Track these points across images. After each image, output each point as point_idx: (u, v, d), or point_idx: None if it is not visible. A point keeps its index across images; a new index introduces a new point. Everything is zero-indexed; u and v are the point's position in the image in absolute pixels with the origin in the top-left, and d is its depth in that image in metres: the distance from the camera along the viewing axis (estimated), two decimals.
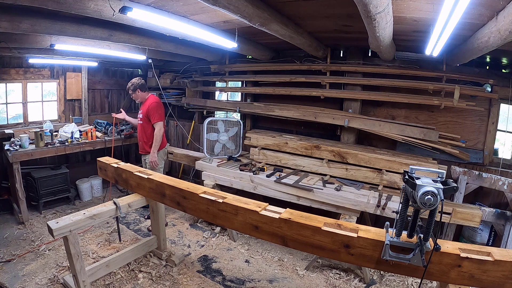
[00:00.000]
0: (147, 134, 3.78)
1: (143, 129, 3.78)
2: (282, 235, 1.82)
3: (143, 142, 3.82)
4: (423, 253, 1.41)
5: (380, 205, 2.65)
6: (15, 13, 2.34)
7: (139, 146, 3.90)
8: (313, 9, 2.36)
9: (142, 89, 3.77)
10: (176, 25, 2.51)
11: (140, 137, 3.84)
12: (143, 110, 3.74)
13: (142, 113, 3.75)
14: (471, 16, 1.87)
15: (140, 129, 3.81)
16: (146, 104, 3.74)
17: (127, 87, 3.76)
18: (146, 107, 3.71)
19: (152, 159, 3.70)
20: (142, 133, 3.80)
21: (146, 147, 3.80)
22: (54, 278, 2.68)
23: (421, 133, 3.16)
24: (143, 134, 3.80)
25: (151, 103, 3.73)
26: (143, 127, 3.77)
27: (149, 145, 3.75)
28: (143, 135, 3.80)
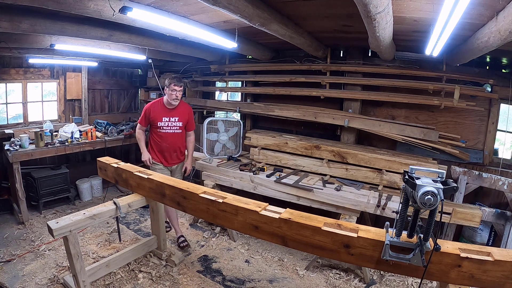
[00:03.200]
0: (183, 142, 3.41)
1: (180, 138, 3.36)
2: (282, 235, 1.82)
3: (178, 152, 3.37)
4: (423, 253, 1.41)
5: (380, 205, 2.65)
6: (15, 13, 2.34)
7: (169, 156, 3.32)
8: (313, 9, 2.36)
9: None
10: (176, 25, 2.51)
11: (176, 147, 3.33)
12: (181, 117, 3.28)
13: (181, 120, 3.28)
14: (471, 16, 1.87)
15: (178, 138, 3.32)
16: (183, 110, 3.31)
17: (182, 84, 3.18)
18: (186, 114, 3.32)
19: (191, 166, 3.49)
20: (180, 142, 3.36)
21: (181, 156, 3.42)
22: (54, 278, 2.68)
23: (421, 133, 3.16)
24: (180, 143, 3.37)
25: (190, 109, 3.40)
26: (181, 136, 3.35)
27: (183, 153, 3.44)
28: (180, 145, 3.38)
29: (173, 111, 3.23)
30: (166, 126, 3.23)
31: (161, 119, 3.20)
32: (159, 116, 3.20)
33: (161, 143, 3.25)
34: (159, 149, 3.27)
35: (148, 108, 3.24)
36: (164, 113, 3.21)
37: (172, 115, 3.23)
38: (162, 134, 3.23)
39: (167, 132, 3.24)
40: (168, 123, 3.23)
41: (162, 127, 3.22)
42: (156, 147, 3.28)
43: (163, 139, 3.24)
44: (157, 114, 3.21)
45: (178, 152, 3.37)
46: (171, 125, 3.24)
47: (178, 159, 3.39)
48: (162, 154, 3.28)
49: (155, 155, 3.29)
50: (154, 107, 3.23)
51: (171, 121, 3.24)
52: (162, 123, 3.21)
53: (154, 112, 3.21)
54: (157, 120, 3.19)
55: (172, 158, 3.32)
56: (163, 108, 3.22)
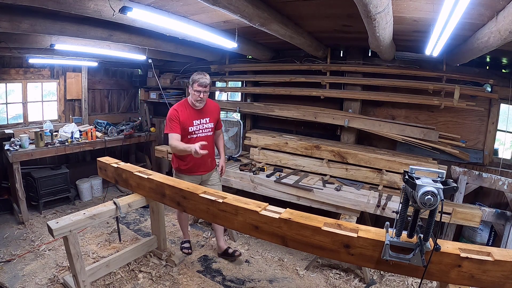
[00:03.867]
0: (213, 145, 3.02)
1: (212, 141, 2.97)
2: (282, 235, 1.82)
3: (212, 157, 2.96)
4: (423, 253, 1.41)
5: (380, 205, 2.65)
6: (15, 13, 2.34)
7: (202, 164, 2.85)
8: (313, 9, 2.36)
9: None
10: (176, 25, 2.51)
11: (210, 152, 2.83)
12: (211, 117, 2.88)
13: (212, 120, 2.89)
14: (471, 16, 1.87)
15: (211, 142, 2.93)
16: (212, 109, 2.91)
17: (208, 84, 2.69)
18: (215, 113, 2.94)
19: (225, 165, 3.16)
20: (212, 145, 2.95)
21: (213, 161, 3.01)
22: (54, 278, 2.68)
23: (421, 133, 3.16)
24: (212, 146, 2.96)
25: (217, 106, 3.02)
26: (212, 139, 2.96)
27: (214, 158, 3.05)
28: (213, 148, 2.97)
29: (203, 112, 2.82)
30: (198, 130, 2.80)
31: (192, 123, 2.77)
32: (189, 120, 2.76)
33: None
34: (190, 158, 2.76)
35: (175, 113, 2.72)
36: (193, 115, 2.78)
37: (202, 117, 2.82)
38: (195, 140, 2.75)
39: (199, 137, 2.79)
40: (199, 126, 2.81)
41: (194, 132, 2.79)
42: (187, 158, 2.80)
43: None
44: (186, 118, 2.75)
45: (212, 156, 2.97)
46: (203, 128, 2.83)
47: (211, 165, 2.98)
48: (194, 163, 2.81)
49: (185, 165, 2.84)
50: (182, 110, 2.75)
51: (202, 123, 2.82)
52: (194, 127, 2.78)
53: (184, 116, 2.74)
54: (187, 125, 2.75)
55: (206, 165, 2.91)
56: (191, 110, 2.78)
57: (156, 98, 5.37)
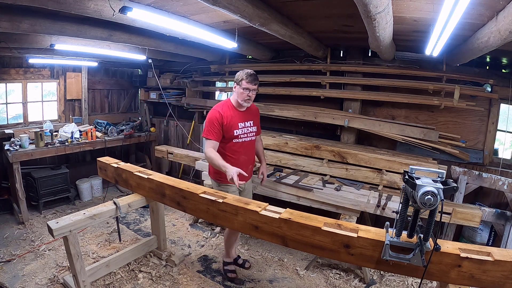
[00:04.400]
0: (254, 152, 2.74)
1: (254, 146, 2.67)
2: (282, 235, 1.82)
3: (253, 163, 2.72)
4: (423, 253, 1.41)
5: (380, 205, 2.65)
6: (15, 13, 2.34)
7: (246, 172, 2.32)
8: (313, 9, 2.36)
9: None
10: (176, 25, 2.51)
11: (253, 158, 2.66)
12: (255, 120, 2.60)
13: (256, 123, 2.61)
14: (471, 16, 1.87)
15: (253, 147, 2.65)
16: (254, 111, 2.65)
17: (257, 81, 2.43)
18: (257, 115, 2.67)
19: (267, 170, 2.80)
20: (253, 150, 2.69)
21: (252, 168, 2.77)
22: (54, 278, 2.68)
23: (421, 133, 3.16)
24: (254, 151, 2.70)
25: (257, 109, 2.74)
26: (254, 143, 2.66)
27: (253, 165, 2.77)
28: (254, 152, 2.72)
29: (247, 114, 2.54)
30: (243, 134, 2.48)
31: (237, 126, 2.45)
32: (234, 122, 2.44)
33: (238, 157, 2.48)
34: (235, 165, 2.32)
35: (218, 115, 2.38)
36: (238, 117, 2.47)
37: (246, 119, 2.52)
38: (239, 145, 2.48)
39: (244, 142, 2.50)
40: (244, 129, 2.49)
41: (239, 136, 2.47)
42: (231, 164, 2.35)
43: (240, 151, 2.50)
44: (231, 120, 2.42)
45: (253, 162, 2.73)
46: (247, 131, 2.52)
47: (251, 171, 2.72)
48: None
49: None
50: (226, 112, 2.42)
51: (246, 126, 2.51)
52: (239, 130, 2.46)
53: (228, 118, 2.41)
54: (233, 127, 2.42)
55: (248, 172, 2.56)
56: (235, 112, 2.47)
57: (156, 98, 5.38)
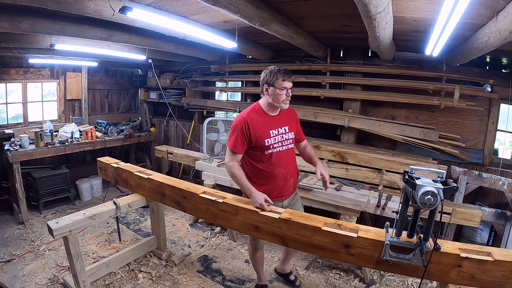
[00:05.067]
0: (295, 160, 2.29)
1: (293, 154, 2.26)
2: (282, 235, 1.82)
3: (295, 175, 2.28)
4: (423, 253, 1.41)
5: (380, 205, 2.65)
6: (15, 13, 2.34)
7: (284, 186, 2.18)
8: (313, 9, 2.36)
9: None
10: (176, 25, 2.51)
11: (293, 169, 2.24)
12: (291, 124, 2.19)
13: (292, 129, 2.19)
14: (471, 16, 1.87)
15: (292, 157, 2.24)
16: (289, 114, 2.22)
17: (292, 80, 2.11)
18: (292, 118, 2.24)
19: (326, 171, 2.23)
20: (294, 161, 2.26)
21: (296, 182, 2.33)
22: (54, 278, 2.68)
23: (421, 133, 3.16)
24: (294, 162, 2.27)
25: (293, 110, 2.28)
26: (293, 151, 2.24)
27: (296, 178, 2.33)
28: (295, 162, 2.28)
29: (280, 118, 2.14)
30: (276, 142, 2.09)
31: (269, 134, 2.07)
32: (264, 130, 2.06)
33: (272, 170, 2.11)
34: (266, 180, 2.12)
35: (244, 123, 2.03)
36: (269, 124, 2.09)
37: (279, 125, 2.12)
38: (273, 156, 2.10)
39: (279, 152, 2.11)
40: (277, 137, 2.10)
41: (272, 146, 2.08)
42: (261, 180, 2.12)
43: (275, 163, 2.11)
44: (261, 128, 2.05)
45: (295, 175, 2.28)
46: (282, 139, 2.12)
47: (294, 186, 2.29)
48: (274, 186, 2.14)
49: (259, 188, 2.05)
50: (253, 119, 2.06)
51: (281, 133, 2.11)
52: (271, 139, 2.07)
53: (257, 125, 2.04)
54: (263, 137, 2.05)
55: (287, 188, 2.21)
56: (266, 118, 2.10)
57: (156, 98, 5.38)
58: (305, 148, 2.33)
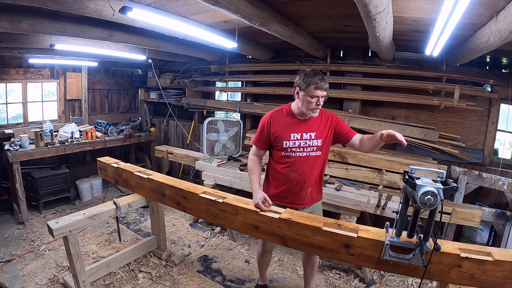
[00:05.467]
0: (321, 171, 2.13)
1: (318, 164, 2.09)
2: (282, 235, 1.82)
3: (313, 186, 2.12)
4: (423, 253, 1.41)
5: (380, 205, 2.65)
6: (15, 13, 2.34)
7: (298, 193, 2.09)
8: (313, 9, 2.36)
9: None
10: (176, 25, 2.51)
11: (311, 179, 2.09)
12: (320, 131, 2.05)
13: (320, 136, 2.05)
14: (471, 16, 1.87)
15: (314, 165, 2.07)
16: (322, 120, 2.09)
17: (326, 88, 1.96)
18: (326, 125, 2.07)
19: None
20: (316, 170, 2.10)
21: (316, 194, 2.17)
22: (54, 278, 2.68)
23: (421, 133, 3.16)
24: (317, 172, 2.11)
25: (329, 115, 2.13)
26: (318, 161, 2.08)
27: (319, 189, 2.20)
28: (317, 175, 2.12)
29: (307, 124, 2.05)
30: (296, 147, 2.03)
31: (289, 137, 2.03)
32: (286, 131, 2.04)
33: (287, 174, 2.07)
34: (281, 183, 2.11)
35: (267, 121, 2.08)
36: (292, 127, 2.05)
37: (305, 130, 2.04)
38: (291, 160, 2.05)
39: (298, 157, 2.05)
40: (300, 141, 2.03)
41: (290, 149, 2.04)
42: (277, 181, 2.14)
43: (291, 168, 2.06)
44: (282, 128, 2.05)
45: (313, 186, 2.12)
46: (305, 145, 2.03)
47: (311, 198, 2.14)
48: (287, 191, 2.10)
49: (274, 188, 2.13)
50: (278, 118, 2.08)
51: (304, 138, 2.03)
52: (290, 142, 2.03)
53: (279, 125, 2.06)
54: (282, 138, 2.04)
55: (303, 196, 2.11)
56: (291, 120, 2.06)
57: (156, 98, 5.38)
58: (362, 140, 1.99)
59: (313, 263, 2.39)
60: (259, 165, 2.16)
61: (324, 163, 2.15)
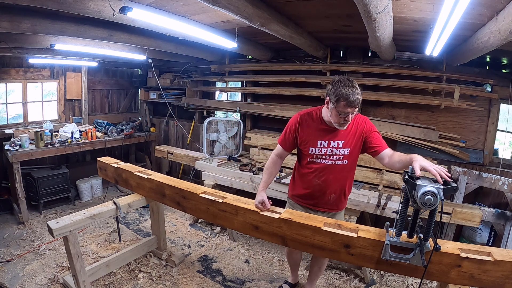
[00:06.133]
0: (348, 180, 2.09)
1: (344, 174, 2.04)
2: (282, 235, 1.82)
3: (338, 194, 2.08)
4: (423, 253, 1.41)
5: (380, 205, 2.65)
6: (15, 13, 2.34)
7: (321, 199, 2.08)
8: (313, 9, 2.36)
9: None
10: (176, 25, 2.51)
11: (336, 187, 2.05)
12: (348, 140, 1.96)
13: (348, 145, 1.96)
14: (471, 16, 1.87)
15: (340, 174, 2.02)
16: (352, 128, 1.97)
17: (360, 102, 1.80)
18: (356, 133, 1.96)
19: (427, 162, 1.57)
20: (343, 179, 2.05)
21: (340, 202, 2.14)
22: (54, 278, 2.68)
23: (421, 133, 3.16)
24: (343, 181, 2.06)
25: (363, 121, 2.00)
26: (345, 171, 2.03)
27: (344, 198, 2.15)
28: (344, 184, 2.07)
29: (336, 131, 1.96)
30: (322, 154, 1.98)
31: (316, 144, 1.98)
32: (313, 137, 1.99)
33: (310, 179, 2.06)
34: (305, 186, 2.10)
35: (296, 122, 2.04)
36: (320, 133, 1.98)
37: (333, 138, 1.97)
38: (316, 166, 2.02)
39: (323, 164, 2.00)
40: (327, 149, 1.97)
41: (316, 155, 2.00)
42: (301, 183, 2.13)
43: (315, 174, 2.03)
44: (310, 133, 2.00)
45: (338, 194, 2.08)
46: (331, 153, 1.97)
47: (336, 206, 2.12)
48: (311, 195, 2.10)
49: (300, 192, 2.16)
50: (307, 121, 2.02)
51: (331, 146, 1.97)
52: (316, 149, 1.98)
53: (307, 129, 2.01)
54: (309, 144, 2.00)
55: (325, 201, 2.09)
56: (321, 125, 1.99)
57: (156, 98, 5.38)
58: (392, 157, 1.82)
59: (321, 265, 2.40)
60: (276, 166, 2.13)
61: (350, 173, 2.07)
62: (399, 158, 1.76)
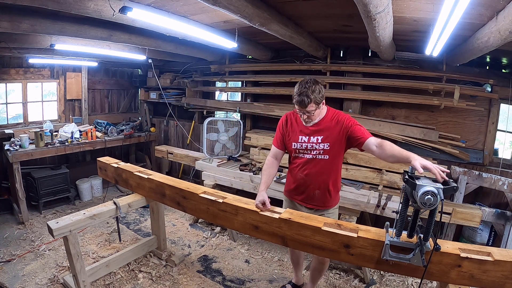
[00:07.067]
0: (332, 176, 2.10)
1: (327, 168, 2.07)
2: (282, 235, 1.82)
3: (323, 190, 2.10)
4: (423, 253, 1.41)
5: (380, 205, 2.65)
6: (15, 13, 2.34)
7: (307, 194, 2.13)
8: (313, 9, 2.36)
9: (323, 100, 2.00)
10: (176, 25, 2.51)
11: (319, 182, 2.09)
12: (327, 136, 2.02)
13: (328, 140, 2.02)
14: (471, 16, 1.87)
15: (322, 169, 2.06)
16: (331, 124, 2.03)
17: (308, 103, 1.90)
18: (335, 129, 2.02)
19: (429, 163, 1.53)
20: (325, 174, 2.08)
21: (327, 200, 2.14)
22: (54, 278, 2.68)
23: (421, 133, 3.16)
24: (326, 175, 2.08)
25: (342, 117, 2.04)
26: (327, 166, 2.06)
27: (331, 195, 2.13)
28: (327, 179, 2.09)
29: (317, 127, 2.05)
30: (303, 149, 2.07)
31: (297, 139, 2.08)
32: (296, 133, 2.10)
33: (295, 174, 2.16)
34: (293, 180, 2.20)
35: (284, 120, 2.18)
36: (303, 129, 2.08)
37: (313, 133, 2.05)
38: (299, 161, 2.11)
39: (305, 158, 2.08)
40: (307, 144, 2.05)
41: (297, 150, 2.10)
42: (290, 178, 2.25)
43: (299, 169, 2.12)
44: (294, 130, 2.12)
45: (323, 190, 2.10)
46: (311, 148, 2.05)
47: (322, 203, 2.14)
48: (296, 188, 2.18)
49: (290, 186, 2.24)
50: (293, 119, 2.15)
51: (311, 142, 2.05)
52: (297, 144, 2.08)
53: (292, 126, 2.13)
54: (292, 139, 2.11)
55: (311, 197, 2.13)
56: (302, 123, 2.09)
57: (156, 98, 5.38)
58: (382, 147, 1.80)
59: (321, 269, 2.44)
60: (273, 167, 2.17)
61: (333, 168, 2.09)
62: (392, 153, 1.75)
